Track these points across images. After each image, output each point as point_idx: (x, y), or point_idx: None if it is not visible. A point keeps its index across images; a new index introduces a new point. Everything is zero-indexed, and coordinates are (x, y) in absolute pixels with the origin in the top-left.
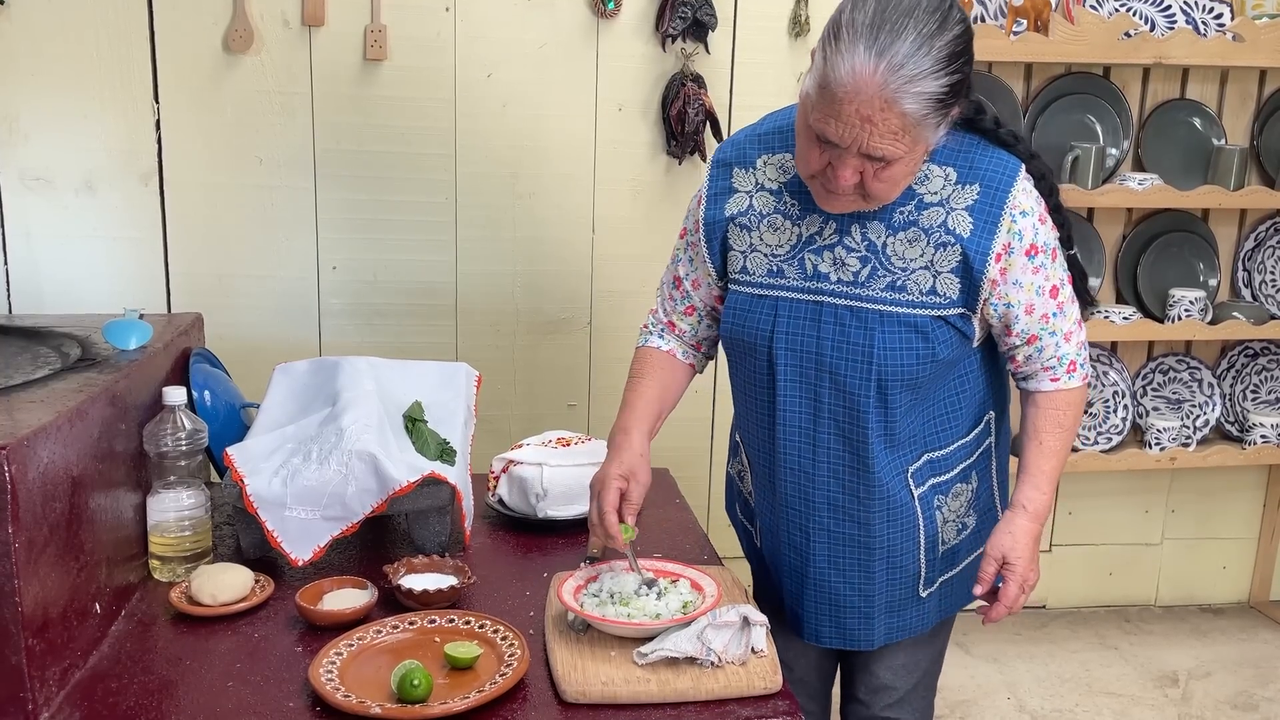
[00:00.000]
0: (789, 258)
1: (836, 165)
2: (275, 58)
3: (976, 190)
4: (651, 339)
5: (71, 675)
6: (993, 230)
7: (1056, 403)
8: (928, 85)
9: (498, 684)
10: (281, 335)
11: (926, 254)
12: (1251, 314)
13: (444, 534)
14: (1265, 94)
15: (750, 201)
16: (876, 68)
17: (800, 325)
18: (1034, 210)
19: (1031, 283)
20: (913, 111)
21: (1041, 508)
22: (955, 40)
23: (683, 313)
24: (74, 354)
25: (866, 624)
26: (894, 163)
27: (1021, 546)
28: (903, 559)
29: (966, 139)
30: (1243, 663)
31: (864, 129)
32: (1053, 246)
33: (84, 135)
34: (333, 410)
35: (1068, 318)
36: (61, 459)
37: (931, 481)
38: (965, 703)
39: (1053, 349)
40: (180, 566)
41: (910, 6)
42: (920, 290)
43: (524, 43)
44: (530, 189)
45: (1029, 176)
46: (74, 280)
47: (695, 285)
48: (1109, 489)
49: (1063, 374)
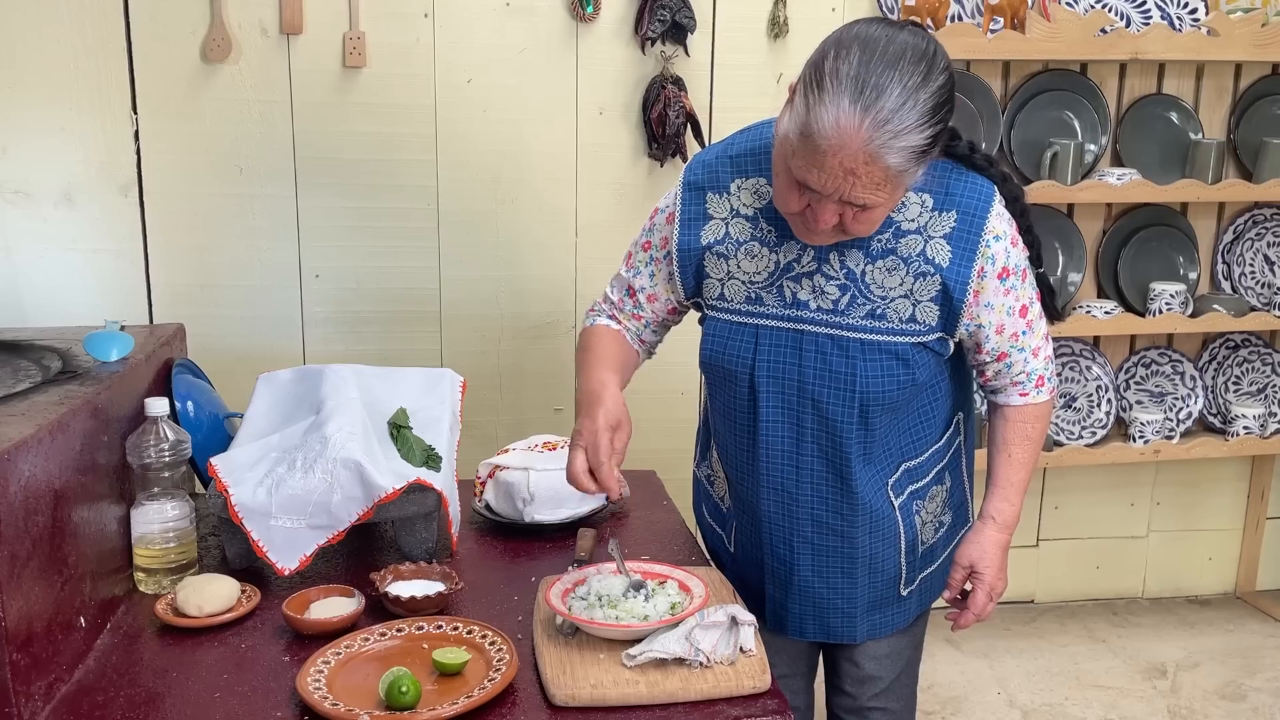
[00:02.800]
0: (767, 285)
1: (816, 208)
2: (254, 66)
3: (954, 218)
4: (600, 319)
5: (57, 689)
6: (971, 259)
7: (1025, 416)
8: (912, 139)
9: (486, 689)
10: (265, 344)
11: (906, 283)
12: (1232, 306)
13: (431, 540)
14: (1241, 88)
15: (727, 229)
16: (862, 123)
17: (782, 354)
18: (1007, 234)
19: (1003, 304)
20: (896, 165)
21: (1010, 518)
22: (940, 91)
23: (630, 316)
24: (55, 367)
25: (849, 621)
26: (874, 208)
27: (990, 556)
28: (884, 564)
29: (941, 164)
30: (1230, 653)
31: (847, 180)
32: (1023, 268)
33: (62, 147)
34: (317, 419)
35: (1036, 334)
36: (43, 472)
37: (910, 489)
38: (956, 698)
39: (1021, 364)
40: (166, 578)
41: (895, 56)
42: (900, 318)
43: (503, 48)
44: (512, 194)
45: (1002, 201)
46: (55, 293)
47: (651, 299)
48: (1094, 483)
49: (1031, 389)
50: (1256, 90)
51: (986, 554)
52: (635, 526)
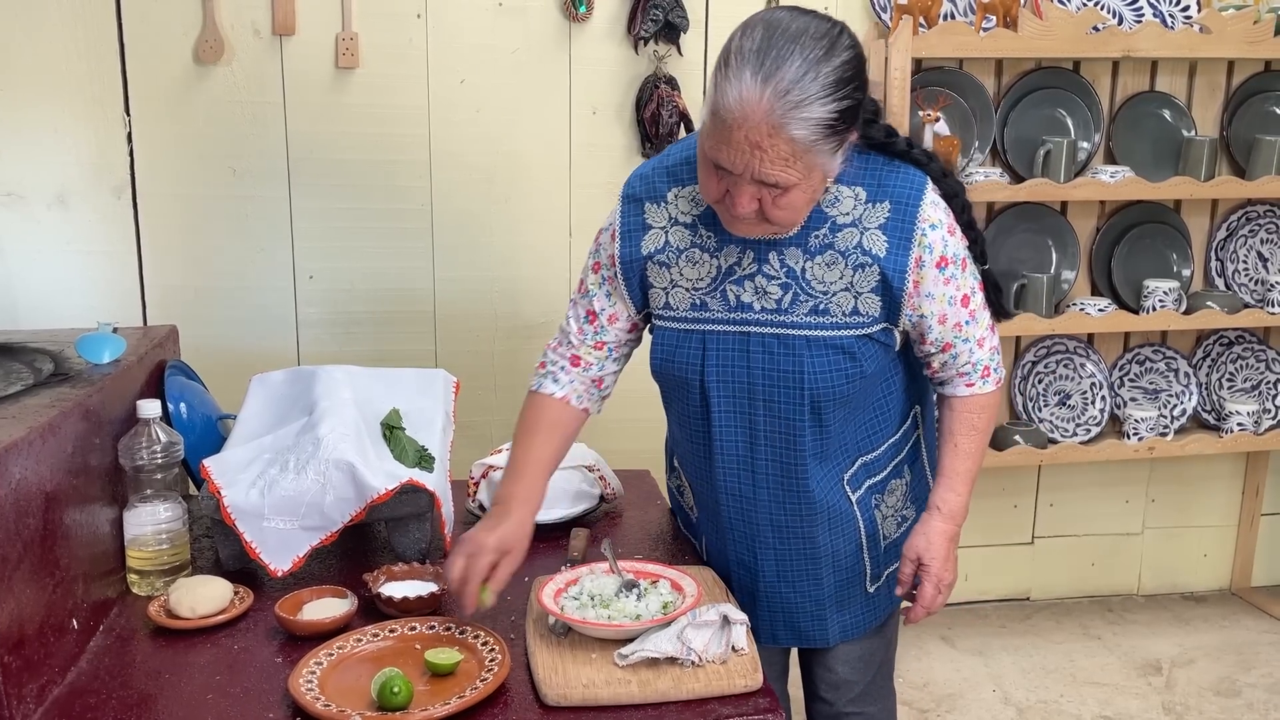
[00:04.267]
0: (711, 290)
1: (734, 192)
2: (246, 67)
3: (887, 208)
4: (546, 384)
5: (49, 691)
6: (907, 247)
7: (971, 407)
8: (815, 111)
9: (479, 689)
10: (258, 346)
11: (846, 276)
12: (1225, 303)
13: (424, 541)
14: (1233, 85)
15: (666, 237)
16: (763, 94)
17: (730, 357)
18: (943, 222)
19: (943, 294)
20: (801, 137)
21: (957, 509)
22: (844, 66)
23: (592, 347)
24: (47, 369)
25: (819, 624)
26: (790, 190)
27: (936, 547)
28: (846, 560)
29: (872, 158)
30: (1225, 649)
31: (754, 155)
32: (962, 256)
33: (55, 149)
34: (309, 420)
35: (980, 324)
36: (34, 475)
37: (867, 484)
38: (951, 696)
39: (966, 355)
40: (158, 580)
41: (797, 32)
42: (843, 312)
43: (496, 48)
44: (506, 194)
45: (937, 190)
46: (48, 295)
47: (612, 320)
48: (1089, 480)
49: (977, 379)
50: (1249, 87)
51: (933, 545)
52: (628, 526)
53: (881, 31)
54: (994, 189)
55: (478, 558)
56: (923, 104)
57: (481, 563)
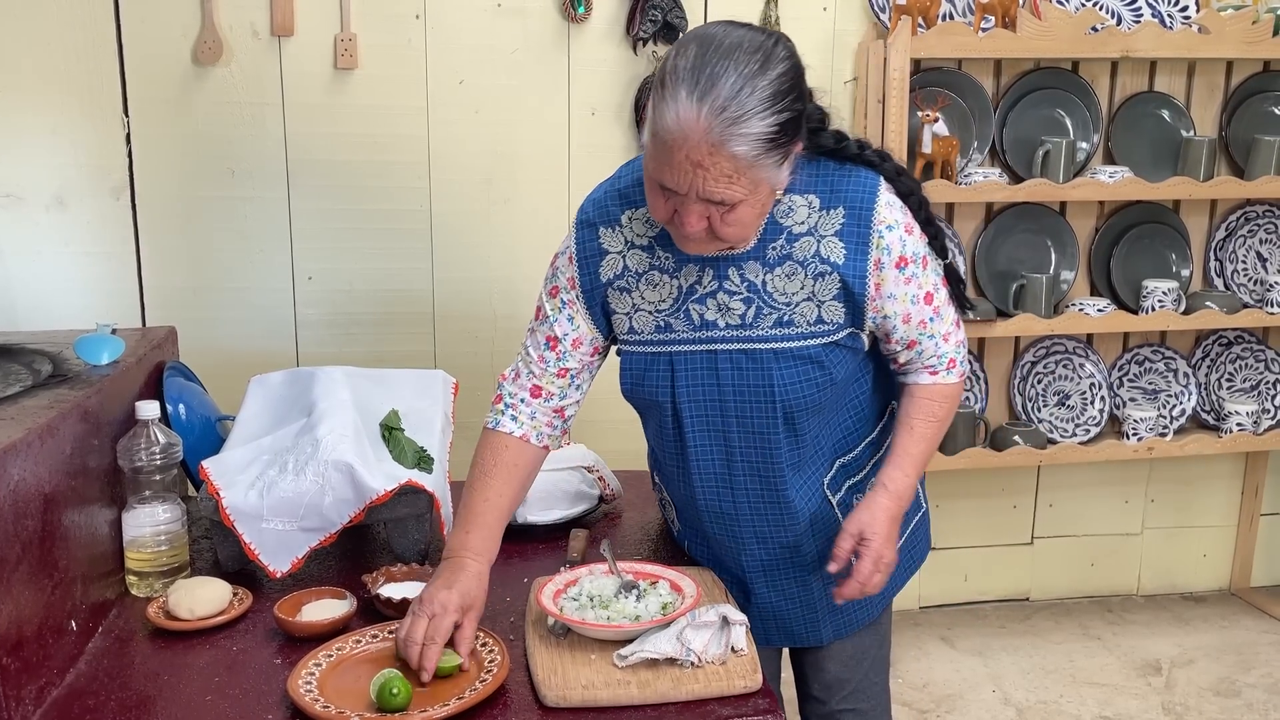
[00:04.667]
0: (674, 311)
1: (681, 212)
2: (245, 68)
3: (842, 214)
4: (504, 421)
5: (48, 693)
6: (865, 251)
7: (932, 394)
8: (754, 126)
9: (478, 690)
10: (257, 347)
11: (807, 286)
12: (1224, 303)
13: (423, 542)
14: (1232, 85)
15: (624, 262)
16: (700, 112)
17: (699, 376)
18: (899, 222)
19: (905, 293)
20: (743, 153)
21: (903, 489)
22: (781, 78)
23: (554, 375)
24: (45, 370)
25: (813, 626)
26: (737, 206)
27: (879, 523)
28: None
29: (823, 164)
30: (1225, 649)
31: (696, 174)
32: (922, 254)
33: (54, 151)
34: (308, 421)
35: (944, 319)
36: (33, 476)
37: (848, 484)
38: (951, 696)
39: (932, 349)
40: (157, 581)
41: (731, 47)
42: (808, 322)
43: (495, 49)
44: (505, 194)
45: (891, 190)
46: (47, 296)
47: (576, 344)
48: (1088, 480)
49: (942, 370)
50: (1248, 87)
51: (876, 520)
52: (628, 527)
53: (880, 32)
54: (993, 189)
55: (441, 618)
56: (922, 104)
57: (445, 623)
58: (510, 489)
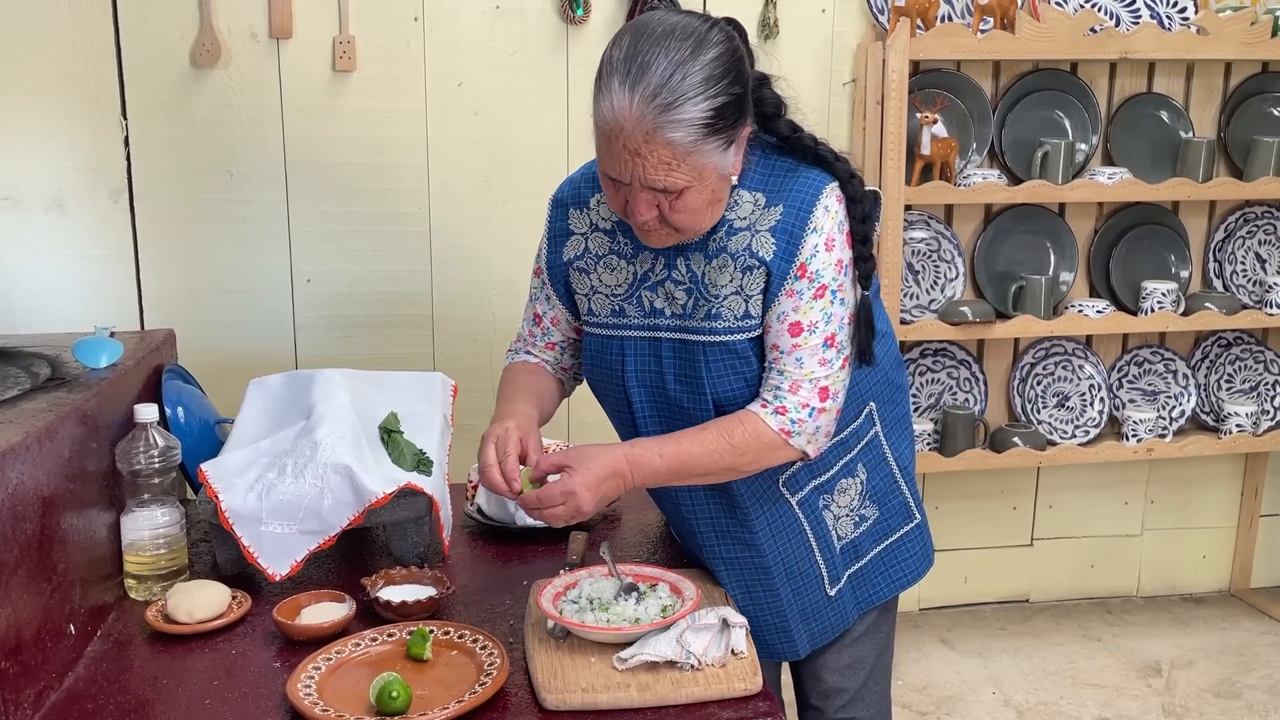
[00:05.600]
0: (628, 296)
1: (631, 202)
2: (243, 71)
3: (780, 210)
4: (519, 356)
5: (47, 697)
6: (795, 250)
7: (745, 422)
8: (688, 111)
9: (477, 694)
10: (256, 350)
11: (735, 279)
12: (1223, 304)
13: (422, 545)
14: (1231, 86)
15: (586, 244)
16: (632, 101)
17: (646, 362)
18: (824, 231)
19: (777, 304)
20: (679, 139)
21: (645, 461)
22: (714, 63)
23: (544, 347)
24: (44, 373)
25: (786, 636)
26: (685, 192)
27: (593, 462)
28: (800, 566)
29: (782, 163)
30: (1225, 651)
31: (635, 163)
32: (823, 282)
33: (52, 153)
34: (307, 424)
35: (802, 367)
36: (31, 479)
37: (812, 484)
38: (951, 698)
39: (774, 386)
40: (156, 585)
41: (663, 34)
42: (734, 316)
43: (494, 51)
44: (504, 196)
45: (840, 198)
46: (45, 299)
47: (555, 322)
48: (1088, 482)
49: (770, 407)
50: (1246, 88)
51: (593, 460)
52: (627, 529)
53: (879, 33)
54: (992, 190)
55: (505, 438)
56: (920, 106)
57: (511, 439)
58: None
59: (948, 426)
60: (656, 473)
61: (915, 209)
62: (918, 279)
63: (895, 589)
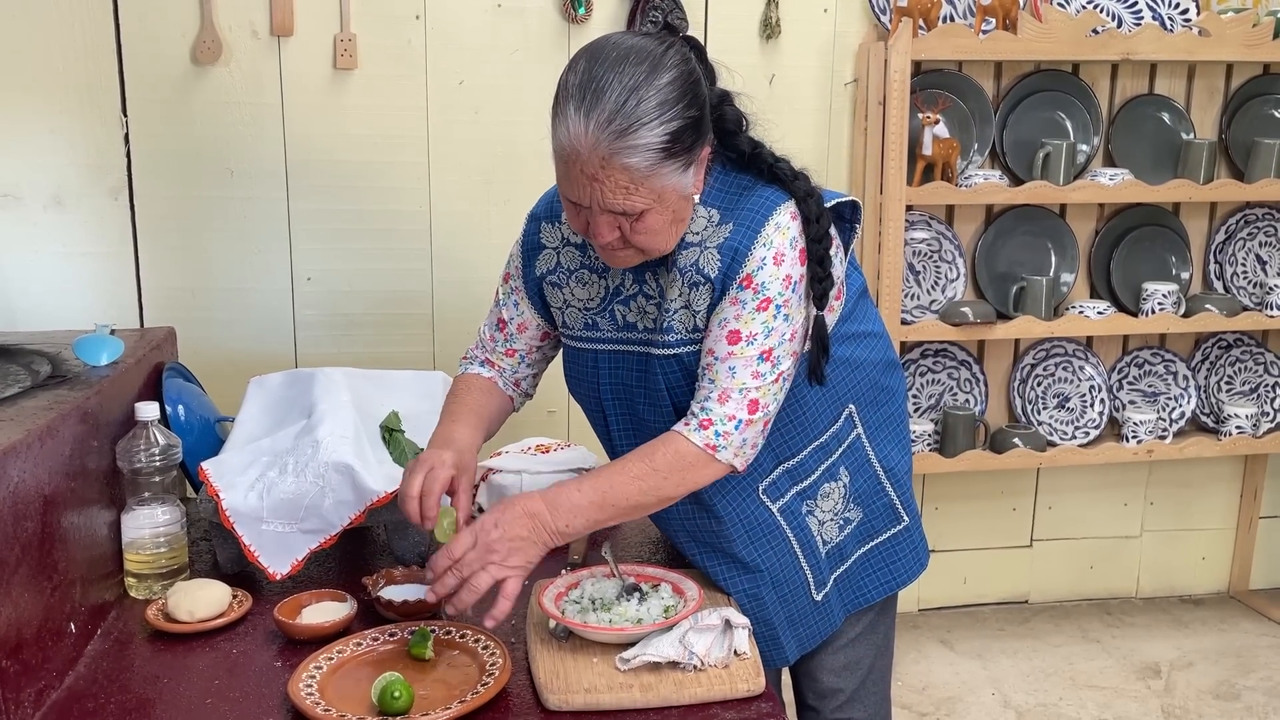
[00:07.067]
0: (600, 310)
1: (592, 224)
2: (244, 68)
3: (730, 228)
4: (473, 366)
5: (47, 696)
6: (739, 267)
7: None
8: (644, 136)
9: (480, 694)
10: (256, 348)
11: (684, 294)
12: (1224, 306)
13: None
14: (1232, 87)
15: (558, 258)
16: (588, 127)
17: (618, 375)
18: (773, 245)
19: (721, 310)
20: (636, 164)
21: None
22: (669, 86)
23: (503, 354)
24: (44, 371)
25: (774, 643)
26: (645, 214)
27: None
28: (785, 573)
29: (740, 180)
30: (1224, 652)
31: (594, 187)
32: (767, 294)
33: (51, 150)
34: (308, 422)
35: (734, 377)
36: (32, 478)
37: (794, 490)
38: (950, 699)
39: (704, 394)
40: (156, 583)
41: (618, 59)
42: (685, 329)
43: (495, 49)
44: (505, 195)
45: (795, 215)
46: (44, 296)
47: (521, 329)
48: (1088, 483)
49: (694, 423)
50: (1248, 90)
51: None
52: (629, 530)
53: (881, 34)
54: (993, 191)
55: (437, 470)
56: (922, 106)
57: (442, 475)
58: (482, 402)
59: (948, 427)
60: (577, 508)
61: (916, 209)
62: (918, 279)
63: (884, 591)
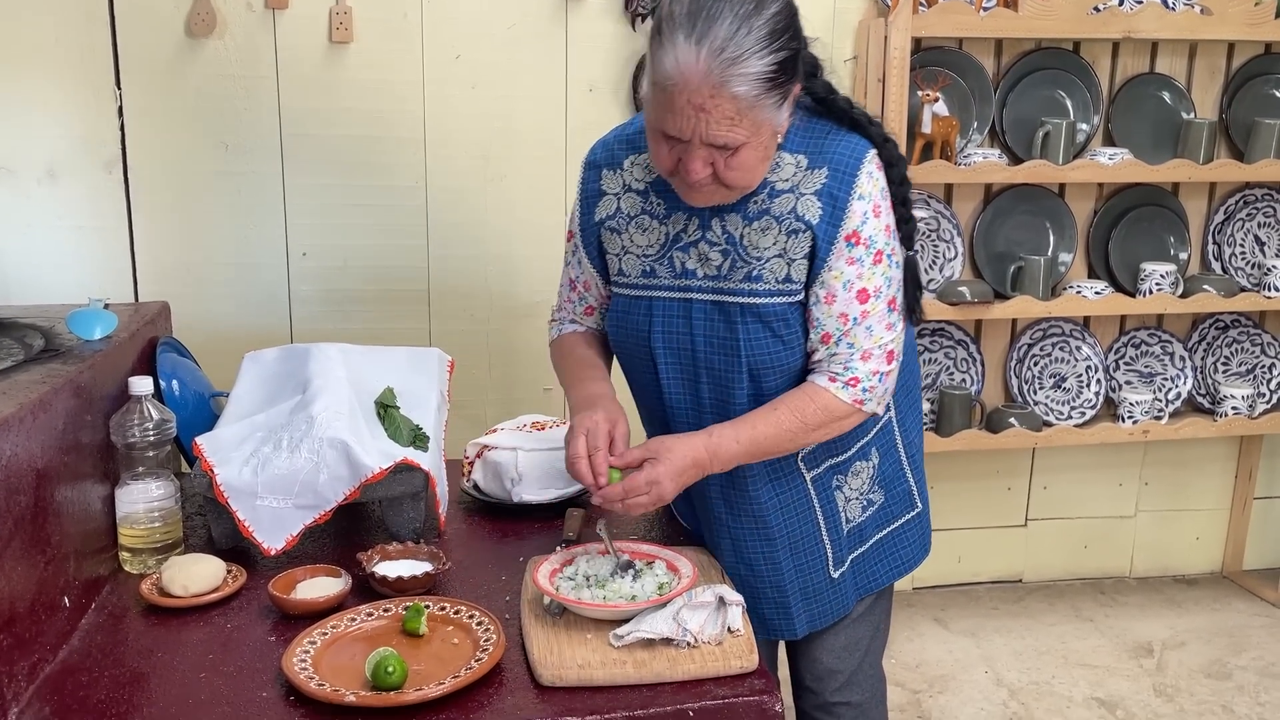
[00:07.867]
0: (660, 257)
1: (686, 160)
2: (239, 41)
3: (825, 174)
4: (565, 327)
5: (41, 669)
6: (841, 214)
7: (818, 399)
8: (753, 65)
9: (473, 669)
10: (251, 323)
11: (780, 242)
12: (1222, 287)
13: (418, 520)
14: (1233, 67)
15: (618, 204)
16: (699, 55)
17: (674, 323)
18: (870, 197)
19: (841, 272)
20: (744, 94)
21: (724, 449)
22: (775, 17)
23: (583, 313)
24: (37, 345)
25: (785, 614)
26: (741, 149)
27: (676, 454)
28: (805, 543)
29: (819, 126)
30: (1216, 632)
31: (699, 118)
32: (879, 247)
33: (45, 123)
34: (303, 398)
35: (872, 335)
36: (25, 451)
37: (829, 462)
38: (943, 677)
39: (845, 357)
40: (151, 558)
41: None
42: (776, 279)
43: (492, 23)
44: (502, 171)
45: (879, 163)
46: (38, 270)
47: (587, 287)
48: (1083, 463)
49: (841, 382)
50: (1249, 70)
51: (674, 450)
52: None
53: (881, 10)
54: (992, 170)
55: (595, 430)
56: (922, 84)
57: (601, 430)
58: (597, 356)
59: (944, 406)
60: (734, 457)
61: (915, 188)
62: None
63: (892, 576)
